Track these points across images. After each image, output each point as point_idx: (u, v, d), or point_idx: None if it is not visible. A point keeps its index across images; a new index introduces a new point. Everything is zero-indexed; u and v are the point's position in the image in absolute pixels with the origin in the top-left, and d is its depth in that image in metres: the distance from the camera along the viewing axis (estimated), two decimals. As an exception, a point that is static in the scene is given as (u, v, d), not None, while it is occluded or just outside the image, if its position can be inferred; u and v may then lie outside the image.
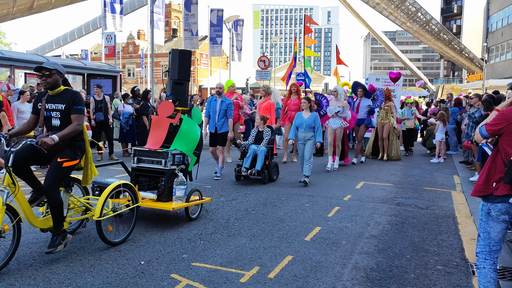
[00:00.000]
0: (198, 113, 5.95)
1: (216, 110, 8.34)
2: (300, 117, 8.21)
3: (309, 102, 8.29)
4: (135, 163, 5.56)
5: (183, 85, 5.99)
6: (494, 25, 43.05)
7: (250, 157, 7.94)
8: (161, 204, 5.26)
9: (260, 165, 7.88)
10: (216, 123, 8.36)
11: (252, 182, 8.19)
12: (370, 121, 10.94)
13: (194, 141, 5.63)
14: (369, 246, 4.69)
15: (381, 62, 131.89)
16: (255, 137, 8.42)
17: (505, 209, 2.99)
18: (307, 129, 8.07)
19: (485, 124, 3.08)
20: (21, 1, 33.18)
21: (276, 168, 8.38)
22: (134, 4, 47.52)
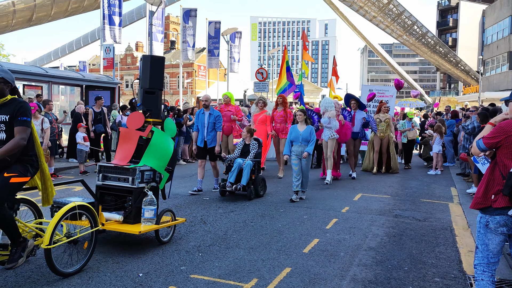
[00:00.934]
0: (172, 125, 5.42)
1: (205, 124, 8.11)
2: (295, 131, 7.83)
3: (305, 115, 7.93)
4: (100, 181, 5.03)
5: (155, 94, 5.38)
6: (489, 38, 43.50)
7: (235, 171, 7.60)
8: (127, 226, 4.71)
9: (246, 180, 7.50)
10: (205, 137, 8.11)
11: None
12: (365, 134, 10.67)
13: (166, 156, 5.13)
14: (367, 258, 4.69)
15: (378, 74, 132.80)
16: (241, 150, 8.08)
17: (503, 221, 3.01)
18: (303, 143, 7.69)
19: (482, 138, 3.11)
20: (20, 13, 33.41)
21: (263, 183, 8.01)
22: (132, 16, 47.87)
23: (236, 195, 7.99)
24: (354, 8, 53.52)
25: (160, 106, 5.44)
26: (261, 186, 7.95)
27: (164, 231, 5.13)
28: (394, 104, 14.09)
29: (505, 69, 39.58)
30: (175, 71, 58.40)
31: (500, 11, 40.46)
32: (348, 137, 10.13)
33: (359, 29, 63.19)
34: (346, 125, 10.04)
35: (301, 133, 7.74)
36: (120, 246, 4.89)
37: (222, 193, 7.83)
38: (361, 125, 10.44)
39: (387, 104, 12.95)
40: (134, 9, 48.49)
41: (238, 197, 7.82)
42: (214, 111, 8.17)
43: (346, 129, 10.07)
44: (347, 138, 10.17)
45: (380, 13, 52.96)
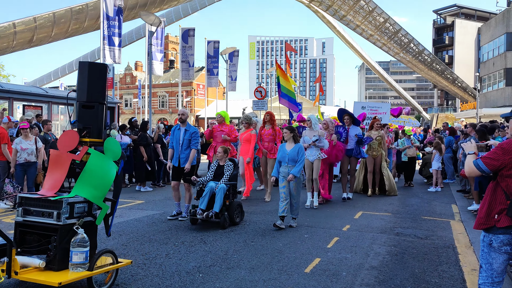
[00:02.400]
0: (114, 145, 4.41)
1: (180, 141, 7.41)
2: (283, 150, 7.12)
3: (292, 132, 7.11)
4: (20, 216, 4.08)
5: (94, 108, 4.38)
6: (485, 55, 43.98)
7: (207, 196, 6.82)
8: (47, 275, 3.77)
9: (219, 206, 6.71)
10: (180, 155, 7.41)
11: (252, 212, 8.12)
12: (360, 151, 9.83)
13: (106, 184, 4.19)
14: (369, 278, 4.64)
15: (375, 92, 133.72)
16: (214, 172, 7.31)
17: (507, 240, 2.99)
18: (290, 163, 6.92)
19: (481, 158, 3.09)
20: (21, 35, 33.75)
21: (239, 208, 7.17)
22: (132, 36, 48.39)
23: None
24: (351, 27, 54.20)
25: (102, 123, 4.44)
26: (237, 212, 7.10)
27: (100, 278, 4.18)
28: (387, 121, 13.66)
29: (502, 85, 39.91)
30: (174, 90, 58.76)
31: (495, 29, 41.01)
32: (340, 158, 9.43)
33: (356, 47, 63.88)
34: (338, 146, 9.22)
35: (288, 152, 6.97)
36: (120, 268, 4.82)
37: (193, 221, 6.97)
38: (355, 142, 9.69)
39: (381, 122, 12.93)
40: (133, 29, 49.07)
41: (238, 216, 7.75)
42: (190, 127, 7.51)
43: (338, 150, 9.24)
44: (338, 160, 9.50)
45: (377, 32, 53.61)
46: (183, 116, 7.47)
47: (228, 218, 6.85)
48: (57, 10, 35.27)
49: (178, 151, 7.44)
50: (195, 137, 7.43)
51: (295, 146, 7.02)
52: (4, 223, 7.20)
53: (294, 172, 6.84)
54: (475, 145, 3.26)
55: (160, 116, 58.96)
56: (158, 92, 61.64)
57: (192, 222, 6.99)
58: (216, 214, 6.74)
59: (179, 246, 5.73)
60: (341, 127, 9.65)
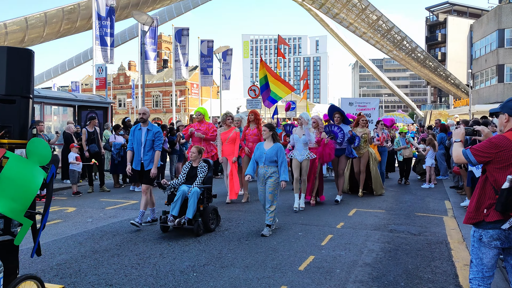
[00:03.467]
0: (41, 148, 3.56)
1: (141, 142, 6.88)
2: (260, 149, 6.58)
3: (271, 130, 6.63)
4: None
5: (16, 103, 3.64)
6: (477, 52, 44.22)
7: (179, 201, 6.28)
8: None
9: (192, 212, 6.20)
10: (142, 157, 6.89)
11: (247, 210, 8.14)
12: (351, 150, 9.24)
13: (28, 195, 3.40)
14: (363, 274, 4.67)
15: (369, 89, 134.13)
16: (187, 174, 6.75)
17: (496, 235, 3.02)
18: (267, 164, 6.44)
19: (471, 149, 3.13)
20: (12, 35, 33.52)
21: (214, 213, 6.65)
22: (125, 35, 48.18)
23: (234, 210, 7.92)
24: (344, 25, 54.30)
25: (25, 121, 3.71)
26: (212, 217, 6.56)
27: None
28: (377, 117, 13.03)
29: (494, 82, 40.16)
30: (168, 90, 58.65)
31: (488, 26, 41.24)
32: (332, 157, 8.86)
33: (349, 45, 64.05)
34: (330, 144, 8.74)
35: (266, 151, 6.49)
36: (113, 268, 4.83)
37: (163, 229, 6.44)
38: (347, 140, 9.11)
39: (370, 118, 12.33)
40: (126, 28, 48.86)
41: (233, 215, 7.77)
42: (153, 126, 6.97)
43: (330, 148, 8.73)
44: (330, 159, 8.92)
45: (370, 29, 53.75)
46: (144, 115, 6.96)
47: (202, 225, 6.32)
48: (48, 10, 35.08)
49: (140, 153, 6.90)
50: (159, 137, 6.93)
51: (274, 145, 6.54)
52: None
53: (285, 178, 6.39)
54: (463, 132, 3.31)
55: (154, 116, 58.79)
56: (152, 91, 61.49)
57: (163, 230, 6.42)
58: (189, 221, 6.22)
59: (173, 246, 5.73)
60: (336, 126, 9.16)
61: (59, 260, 5.14)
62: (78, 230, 6.71)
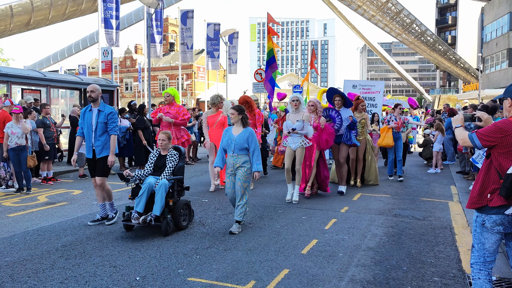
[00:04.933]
0: None
1: (92, 125, 5.93)
2: (228, 135, 5.77)
3: (240, 113, 5.77)
4: None
5: None
6: (488, 36, 43.47)
7: (144, 195, 5.45)
8: None
9: (160, 208, 5.40)
10: (94, 143, 5.93)
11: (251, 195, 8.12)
12: (350, 137, 8.51)
13: None
14: (365, 258, 4.67)
15: (377, 73, 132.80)
16: (154, 164, 5.91)
17: (500, 220, 2.99)
18: (237, 152, 5.65)
19: (476, 132, 3.08)
20: (18, 18, 33.45)
21: (187, 208, 5.85)
22: (131, 18, 47.94)
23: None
24: (352, 7, 53.55)
25: None
26: (184, 213, 5.78)
27: None
28: (381, 101, 12.31)
29: (505, 66, 39.55)
30: (175, 73, 58.49)
31: (499, 8, 40.44)
32: (330, 143, 8.05)
33: (358, 28, 63.20)
34: (328, 129, 7.92)
35: (235, 138, 5.67)
36: (117, 250, 4.87)
37: (127, 227, 5.60)
38: (346, 126, 8.40)
39: (374, 102, 11.58)
40: (132, 11, 48.60)
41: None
42: (105, 106, 6.02)
43: (328, 134, 7.91)
44: (329, 145, 8.10)
45: (379, 12, 52.96)
46: (93, 93, 5.94)
47: (172, 222, 5.53)
48: (54, -8, 34.87)
49: (91, 138, 5.95)
50: (112, 119, 5.96)
51: (244, 131, 5.71)
52: (3, 206, 7.25)
53: (258, 168, 5.66)
54: (462, 117, 3.27)
55: (160, 100, 58.78)
56: (158, 75, 61.39)
57: (126, 228, 5.60)
58: (157, 218, 5.46)
59: (177, 229, 5.76)
60: (334, 110, 8.41)
61: (64, 242, 5.19)
62: (84, 212, 6.77)
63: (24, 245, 5.05)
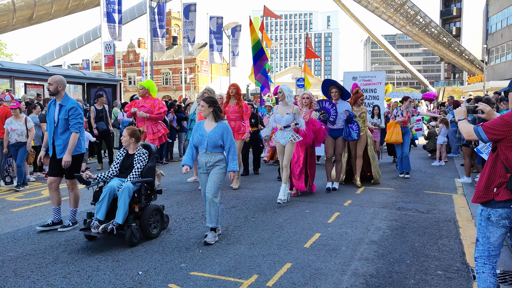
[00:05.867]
0: None
1: (54, 121, 5.42)
2: (200, 130, 5.08)
3: (211, 106, 5.07)
4: None
5: None
6: (493, 27, 43.09)
7: (105, 201, 4.86)
8: None
9: (122, 215, 4.80)
10: (55, 141, 5.44)
11: (254, 188, 8.10)
12: (349, 132, 7.98)
13: None
14: (368, 252, 4.65)
15: (381, 66, 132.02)
16: (120, 164, 5.30)
17: (506, 214, 2.96)
18: (210, 150, 4.99)
19: (482, 126, 3.03)
20: (20, 12, 33.45)
21: (158, 215, 5.20)
22: (133, 12, 47.81)
23: (240, 188, 7.89)
24: (356, 0, 53.16)
25: None
26: (154, 220, 5.14)
27: None
28: (383, 93, 11.73)
29: (510, 57, 39.24)
30: (178, 67, 58.40)
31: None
32: (323, 139, 7.67)
33: (361, 21, 62.79)
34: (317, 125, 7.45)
35: (208, 134, 5.00)
36: (120, 245, 4.87)
37: (88, 237, 5.01)
38: (344, 120, 7.90)
39: (376, 93, 11.11)
40: (135, 5, 48.44)
41: (240, 192, 7.78)
42: (68, 100, 5.43)
43: (320, 130, 7.44)
44: (321, 141, 7.74)
45: (383, 4, 52.56)
46: (51, 86, 5.38)
47: (138, 231, 4.89)
48: (56, -14, 34.82)
49: (52, 136, 5.46)
50: (74, 115, 5.39)
51: (217, 125, 5.06)
52: (7, 201, 7.27)
53: (234, 168, 5.01)
54: (465, 110, 3.22)
55: (164, 94, 58.83)
56: (161, 69, 61.34)
57: (88, 238, 5.02)
58: (120, 226, 4.87)
59: (180, 223, 5.77)
60: (328, 102, 7.91)
61: (67, 236, 5.21)
62: (87, 207, 6.78)
63: (27, 240, 5.07)
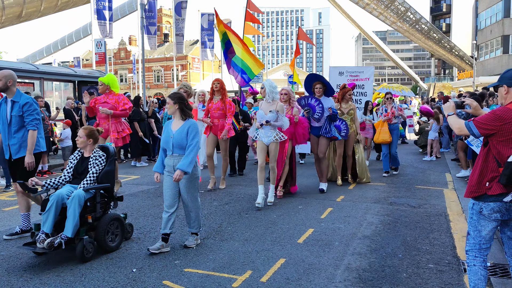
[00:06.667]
0: None
1: (7, 119, 4.96)
2: (167, 130, 4.63)
3: (177, 102, 4.57)
4: None
5: None
6: (482, 23, 43.40)
7: (52, 211, 4.24)
8: None
9: (72, 227, 4.20)
10: (9, 141, 4.97)
11: (247, 185, 8.12)
12: (330, 129, 7.49)
13: None
14: (361, 247, 4.70)
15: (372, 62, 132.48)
16: (74, 169, 4.67)
17: (497, 207, 2.99)
18: (177, 152, 4.54)
19: (474, 121, 3.05)
20: (9, 10, 33.08)
21: (117, 225, 4.62)
22: (124, 10, 47.50)
23: (233, 184, 7.90)
24: (347, -4, 53.28)
25: None
26: (113, 231, 4.55)
27: None
28: (371, 89, 11.22)
29: (499, 53, 39.58)
30: (170, 64, 58.12)
31: (493, -5, 40.34)
32: (306, 137, 7.29)
33: (352, 17, 62.95)
34: (302, 122, 7.14)
35: (173, 134, 4.53)
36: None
37: (37, 253, 4.27)
38: (327, 117, 7.41)
39: (363, 90, 10.68)
40: (125, 2, 48.14)
41: (234, 189, 7.80)
42: (21, 96, 4.97)
43: (304, 127, 7.14)
44: (305, 140, 7.35)
45: (373, 0, 52.72)
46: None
47: (92, 245, 4.30)
48: (45, -17, 34.47)
49: (6, 136, 4.98)
50: (29, 111, 4.92)
51: (184, 124, 4.56)
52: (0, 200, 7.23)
53: (183, 166, 4.39)
54: (453, 105, 3.26)
55: (155, 91, 58.51)
56: (153, 66, 61.00)
57: (36, 253, 4.30)
58: (70, 240, 4.25)
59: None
60: (313, 98, 7.48)
61: (60, 235, 5.18)
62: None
63: (20, 239, 5.04)
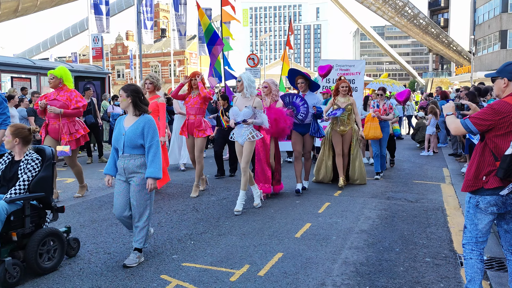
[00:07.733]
0: None
1: None
2: (119, 127, 4.11)
3: (130, 96, 4.03)
4: None
5: None
6: (481, 18, 43.40)
7: None
8: None
9: None
10: None
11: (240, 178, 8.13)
12: (318, 128, 7.06)
13: None
14: (359, 241, 4.71)
15: (370, 57, 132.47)
16: (2, 174, 3.94)
17: (494, 201, 3.00)
18: (128, 151, 4.02)
19: (470, 118, 3.05)
20: (5, 4, 32.87)
21: (55, 241, 3.90)
22: (121, 4, 47.28)
23: (229, 180, 7.90)
24: (345, -9, 53.15)
25: None
26: (48, 250, 3.84)
27: None
28: (363, 84, 10.65)
29: (497, 48, 39.62)
30: (167, 60, 57.97)
31: (491, -10, 40.32)
32: (286, 132, 6.74)
33: (350, 12, 62.84)
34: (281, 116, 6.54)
35: (126, 131, 4.01)
36: (111, 237, 4.87)
37: None
38: (312, 115, 6.96)
39: (354, 84, 9.80)
40: (122, -3, 47.83)
41: (231, 184, 7.80)
42: None
43: (284, 123, 6.53)
44: (285, 135, 6.84)
45: (371, -5, 52.64)
46: None
47: (17, 267, 3.59)
48: (42, -22, 34.25)
49: None
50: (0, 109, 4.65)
51: (138, 120, 4.02)
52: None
53: (153, 173, 3.91)
54: (453, 105, 3.26)
55: (153, 86, 58.28)
56: (150, 61, 60.85)
57: None
58: None
59: (171, 215, 5.78)
60: (298, 97, 6.95)
61: (58, 230, 5.17)
62: (77, 200, 6.75)
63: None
